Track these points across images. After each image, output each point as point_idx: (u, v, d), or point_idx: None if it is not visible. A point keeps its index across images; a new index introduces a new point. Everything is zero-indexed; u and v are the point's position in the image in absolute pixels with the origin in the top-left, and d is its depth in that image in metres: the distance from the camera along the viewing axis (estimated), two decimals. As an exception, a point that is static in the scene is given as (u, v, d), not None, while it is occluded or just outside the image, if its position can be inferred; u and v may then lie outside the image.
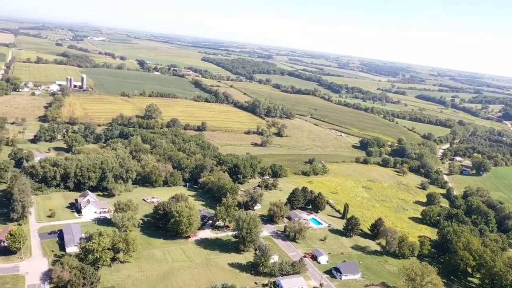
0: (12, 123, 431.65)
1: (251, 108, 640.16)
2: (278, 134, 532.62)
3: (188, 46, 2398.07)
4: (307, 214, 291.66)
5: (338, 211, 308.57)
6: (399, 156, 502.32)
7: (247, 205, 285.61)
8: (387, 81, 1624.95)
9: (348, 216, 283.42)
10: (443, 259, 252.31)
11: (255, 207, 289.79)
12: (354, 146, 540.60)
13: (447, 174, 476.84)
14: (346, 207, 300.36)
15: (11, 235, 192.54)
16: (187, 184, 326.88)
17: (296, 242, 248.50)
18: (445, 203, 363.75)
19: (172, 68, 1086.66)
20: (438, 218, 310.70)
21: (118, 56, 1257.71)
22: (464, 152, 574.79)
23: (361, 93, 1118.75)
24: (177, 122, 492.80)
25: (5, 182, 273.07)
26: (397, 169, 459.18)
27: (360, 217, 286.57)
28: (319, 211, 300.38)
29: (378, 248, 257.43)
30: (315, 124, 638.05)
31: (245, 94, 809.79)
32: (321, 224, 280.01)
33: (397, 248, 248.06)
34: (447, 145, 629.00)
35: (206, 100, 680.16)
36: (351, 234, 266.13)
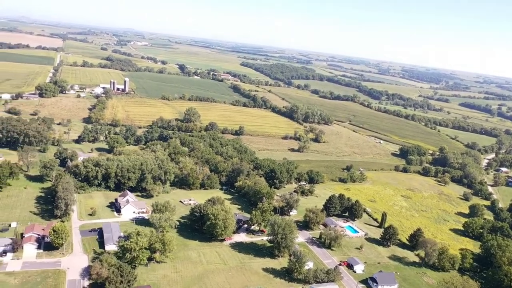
0: (59, 124, 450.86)
1: (289, 113, 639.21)
2: (316, 140, 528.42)
3: (227, 51, 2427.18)
4: (344, 222, 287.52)
5: (375, 219, 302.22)
6: (440, 165, 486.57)
7: (282, 210, 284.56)
8: (430, 88, 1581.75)
9: (386, 225, 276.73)
10: (485, 274, 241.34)
11: (290, 213, 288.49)
12: (393, 154, 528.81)
13: (491, 185, 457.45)
14: (384, 216, 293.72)
15: (54, 231, 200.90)
16: (224, 187, 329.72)
17: (332, 250, 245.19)
18: (489, 216, 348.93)
19: (211, 73, 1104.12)
20: (481, 230, 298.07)
21: (160, 61, 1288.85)
22: (511, 162, 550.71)
23: (402, 99, 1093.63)
24: (215, 126, 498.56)
25: (50, 180, 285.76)
26: (438, 179, 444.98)
27: (398, 227, 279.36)
28: (356, 219, 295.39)
29: (417, 260, 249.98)
30: (353, 131, 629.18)
31: (283, 99, 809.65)
32: (358, 232, 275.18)
33: (436, 260, 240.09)
34: (492, 155, 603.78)
35: (244, 105, 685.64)
36: (389, 244, 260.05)
